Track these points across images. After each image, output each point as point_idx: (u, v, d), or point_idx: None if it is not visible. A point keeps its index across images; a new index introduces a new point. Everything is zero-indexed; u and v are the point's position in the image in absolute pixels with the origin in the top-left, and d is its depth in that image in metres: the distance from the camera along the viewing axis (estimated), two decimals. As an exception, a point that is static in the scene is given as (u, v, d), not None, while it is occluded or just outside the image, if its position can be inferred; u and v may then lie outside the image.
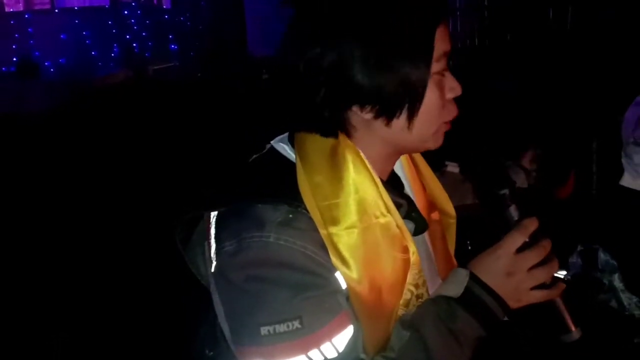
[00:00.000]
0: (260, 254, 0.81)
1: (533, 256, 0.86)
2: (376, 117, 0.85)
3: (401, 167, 1.03)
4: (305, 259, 0.81)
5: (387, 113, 0.84)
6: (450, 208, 1.06)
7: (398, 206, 0.89)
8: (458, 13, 5.53)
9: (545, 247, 0.87)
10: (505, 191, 0.89)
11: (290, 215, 0.82)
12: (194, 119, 4.60)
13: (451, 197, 1.09)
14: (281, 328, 0.79)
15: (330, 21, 0.82)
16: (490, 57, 4.72)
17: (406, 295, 0.89)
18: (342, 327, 0.82)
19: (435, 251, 1.02)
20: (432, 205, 1.04)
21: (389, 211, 0.87)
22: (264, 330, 0.79)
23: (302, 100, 0.86)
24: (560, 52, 3.96)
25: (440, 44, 0.83)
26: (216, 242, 0.86)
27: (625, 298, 1.65)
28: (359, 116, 0.85)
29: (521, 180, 1.18)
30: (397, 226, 0.87)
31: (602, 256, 1.72)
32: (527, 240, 0.87)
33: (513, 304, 0.88)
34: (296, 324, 0.79)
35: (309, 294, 0.80)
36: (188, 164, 3.75)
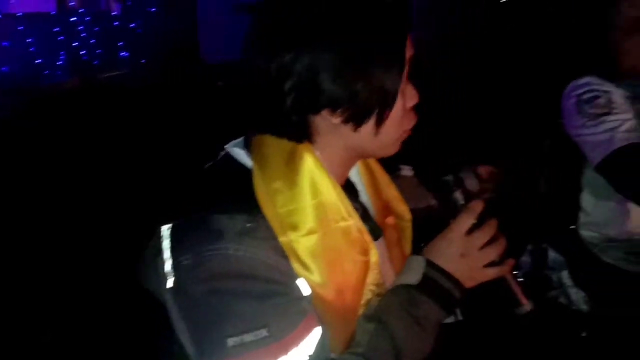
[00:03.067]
0: (221, 267, 0.80)
1: (483, 236, 0.92)
2: (345, 122, 0.85)
3: (357, 173, 1.04)
4: (268, 269, 0.81)
5: (357, 119, 0.85)
6: (405, 211, 1.09)
7: (355, 211, 0.91)
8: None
9: (492, 226, 0.93)
10: (449, 177, 0.97)
11: (249, 225, 0.82)
12: (146, 127, 4.51)
13: (406, 200, 1.12)
14: (248, 337, 0.78)
15: (303, 28, 0.82)
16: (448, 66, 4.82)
17: (367, 295, 0.91)
18: (309, 330, 0.82)
19: (391, 254, 1.04)
20: (387, 209, 1.06)
21: (349, 215, 0.88)
22: (231, 341, 0.78)
23: (268, 105, 0.85)
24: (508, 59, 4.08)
25: (408, 50, 0.86)
26: (172, 256, 0.83)
27: (573, 293, 1.71)
28: (327, 121, 0.86)
29: (470, 183, 1.21)
30: (358, 230, 0.88)
31: (552, 254, 1.78)
32: (475, 222, 0.93)
33: (468, 283, 0.93)
34: (264, 332, 0.79)
35: (274, 302, 0.80)
36: (140, 174, 3.68)
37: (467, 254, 0.91)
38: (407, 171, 1.25)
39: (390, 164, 1.09)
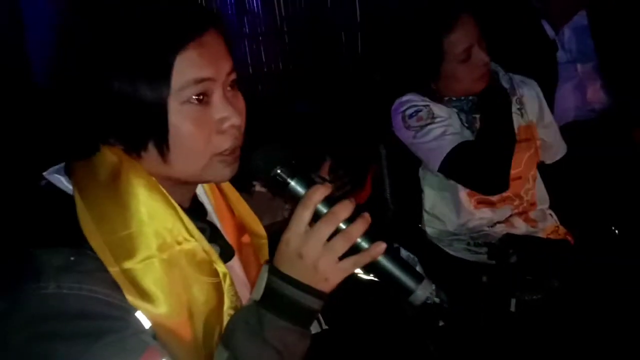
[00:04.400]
0: (41, 309, 0.71)
1: (323, 227, 0.78)
2: (126, 151, 0.80)
3: (204, 192, 0.99)
4: (97, 304, 0.73)
5: (127, 146, 0.80)
6: (260, 229, 1.04)
7: (202, 231, 0.84)
8: (260, 38, 5.67)
9: (336, 213, 0.78)
10: (276, 170, 0.82)
11: (72, 258, 0.74)
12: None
13: (262, 216, 1.09)
14: None
15: (86, 46, 0.78)
16: (292, 80, 4.92)
17: (226, 320, 0.85)
18: None
19: (249, 275, 0.99)
20: (241, 228, 1.02)
21: (192, 236, 0.81)
22: None
23: (67, 127, 0.81)
24: (350, 73, 4.28)
25: (190, 70, 0.78)
26: None
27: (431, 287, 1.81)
28: (117, 149, 0.80)
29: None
30: (204, 250, 0.82)
31: (404, 252, 1.87)
32: (323, 211, 0.79)
33: (323, 285, 0.80)
34: None
35: (106, 340, 0.72)
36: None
37: (307, 252, 0.78)
38: (259, 187, 1.24)
39: (241, 181, 1.06)
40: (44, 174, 0.85)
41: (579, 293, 1.59)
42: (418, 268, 1.83)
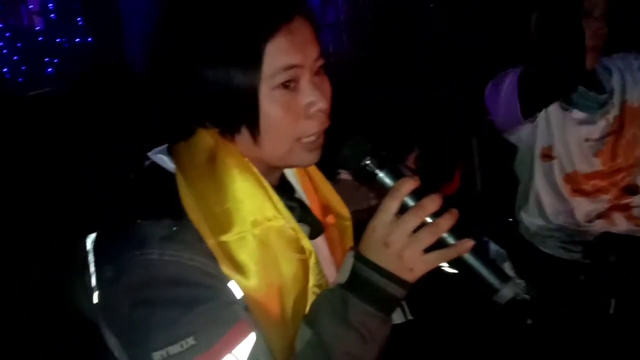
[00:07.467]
0: (144, 274, 0.76)
1: (410, 219, 0.78)
2: (221, 133, 0.84)
3: (292, 173, 1.02)
4: (195, 272, 0.77)
5: (223, 129, 0.84)
6: (344, 211, 1.05)
7: (291, 210, 0.87)
8: (343, 27, 5.69)
9: (424, 206, 0.79)
10: (365, 161, 0.83)
11: (174, 228, 0.78)
12: (75, 142, 4.36)
13: (347, 203, 1.09)
14: (175, 349, 0.74)
15: (181, 37, 0.81)
16: (374, 68, 4.89)
17: (311, 298, 0.87)
18: (241, 337, 0.78)
19: (334, 254, 1.01)
20: (326, 209, 1.03)
21: (281, 214, 0.84)
22: (157, 355, 0.74)
23: (166, 113, 0.85)
24: (436, 57, 4.18)
25: (279, 57, 0.81)
26: (96, 269, 0.80)
27: (516, 284, 1.74)
28: (213, 132, 0.85)
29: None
30: (292, 228, 0.85)
31: (493, 247, 1.81)
32: (410, 203, 0.79)
33: (407, 275, 0.80)
34: (190, 341, 0.75)
35: (202, 308, 0.76)
36: (71, 190, 3.54)
37: (392, 241, 0.78)
38: (346, 175, 1.24)
39: (327, 168, 1.07)
40: (149, 154, 0.91)
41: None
42: (507, 263, 1.77)
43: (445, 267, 0.86)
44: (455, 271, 0.83)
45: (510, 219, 1.85)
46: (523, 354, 1.72)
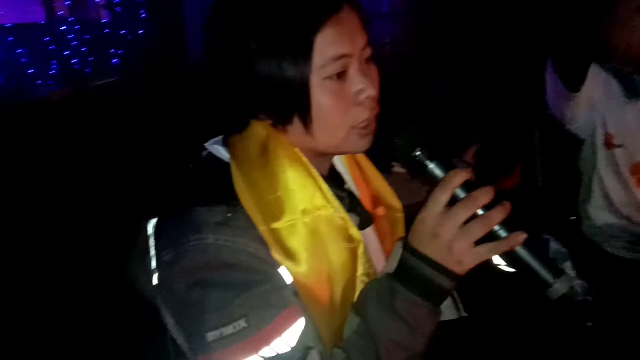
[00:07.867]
0: (200, 258, 0.79)
1: (461, 211, 0.77)
2: (274, 125, 0.86)
3: (342, 164, 1.03)
4: (248, 257, 0.80)
5: (276, 119, 0.85)
6: (396, 202, 1.05)
7: (340, 200, 0.89)
8: (399, 18, 5.61)
9: (475, 198, 0.78)
10: (416, 152, 0.82)
11: (229, 215, 0.81)
12: (138, 133, 4.51)
13: (400, 196, 1.09)
14: (228, 330, 0.77)
15: (234, 31, 0.83)
16: (430, 60, 4.81)
17: (360, 287, 0.88)
18: (291, 321, 0.80)
19: (384, 245, 1.01)
20: (377, 200, 1.04)
21: (330, 203, 0.86)
22: (211, 336, 0.77)
23: (222, 105, 0.88)
24: (497, 50, 4.07)
25: (329, 48, 0.81)
26: (156, 253, 0.84)
27: (578, 285, 1.68)
28: (266, 124, 0.87)
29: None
30: (341, 218, 0.86)
31: (554, 245, 1.75)
32: (461, 195, 0.78)
33: (456, 267, 0.79)
34: (242, 323, 0.77)
35: (254, 292, 0.78)
36: (135, 180, 3.66)
37: (442, 233, 0.77)
38: (400, 168, 1.22)
39: (381, 161, 1.06)
40: (205, 145, 0.94)
41: None
42: (568, 263, 1.71)
43: (503, 265, 0.85)
44: (513, 270, 0.82)
45: (573, 217, 1.79)
46: (582, 357, 1.66)
